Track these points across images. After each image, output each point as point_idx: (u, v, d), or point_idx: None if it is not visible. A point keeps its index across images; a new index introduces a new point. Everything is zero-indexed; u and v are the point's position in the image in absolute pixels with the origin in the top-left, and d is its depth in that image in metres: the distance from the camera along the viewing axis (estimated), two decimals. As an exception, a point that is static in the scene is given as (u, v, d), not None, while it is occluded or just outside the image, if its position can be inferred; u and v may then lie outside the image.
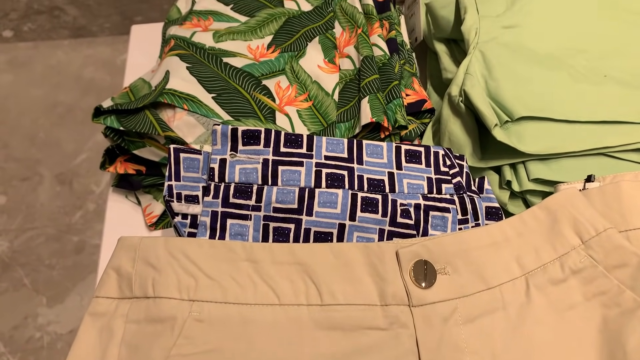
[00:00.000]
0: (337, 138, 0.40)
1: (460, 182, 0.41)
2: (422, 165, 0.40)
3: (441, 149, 0.42)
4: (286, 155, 0.38)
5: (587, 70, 0.53)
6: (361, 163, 0.39)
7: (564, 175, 0.48)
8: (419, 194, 0.39)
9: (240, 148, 0.38)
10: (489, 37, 0.54)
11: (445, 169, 0.41)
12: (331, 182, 0.37)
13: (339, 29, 0.59)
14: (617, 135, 0.50)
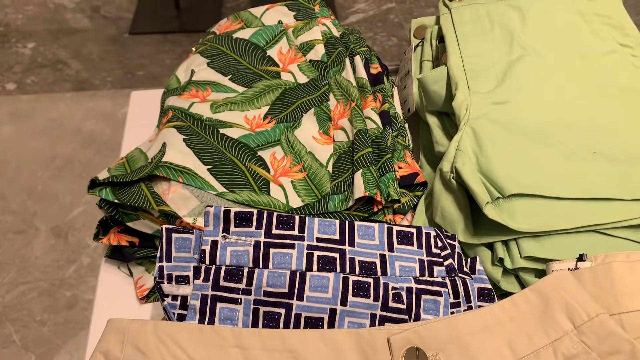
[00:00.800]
0: (329, 219, 0.40)
1: (451, 265, 0.41)
2: (413, 247, 0.40)
3: (433, 230, 0.42)
4: (278, 238, 0.38)
5: (576, 146, 0.54)
6: (353, 245, 0.39)
7: (556, 252, 0.48)
8: (411, 277, 0.39)
9: (233, 230, 0.38)
10: (480, 113, 0.55)
11: (437, 250, 0.41)
12: (322, 265, 0.38)
13: (334, 101, 0.61)
14: (607, 212, 0.50)
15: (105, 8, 2.23)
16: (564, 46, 0.62)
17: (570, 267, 0.46)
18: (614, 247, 0.50)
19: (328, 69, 0.63)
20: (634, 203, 0.51)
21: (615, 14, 0.65)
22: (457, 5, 0.66)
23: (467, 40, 0.62)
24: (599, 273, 0.44)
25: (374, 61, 0.67)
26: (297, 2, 0.71)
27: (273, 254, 0.37)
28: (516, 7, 0.64)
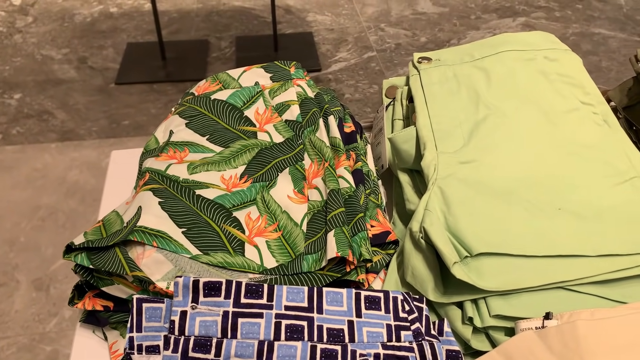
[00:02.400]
0: (297, 287, 0.41)
1: (419, 329, 0.41)
2: (381, 312, 0.41)
3: (400, 294, 0.43)
4: (246, 307, 0.39)
5: (542, 204, 0.56)
6: (321, 312, 0.40)
7: (523, 310, 0.49)
8: (379, 343, 0.39)
9: (202, 299, 0.39)
10: (447, 172, 0.57)
11: (404, 314, 0.42)
12: (291, 334, 0.38)
13: (308, 160, 0.62)
14: (573, 269, 0.51)
15: (92, 59, 2.27)
16: (528, 105, 0.64)
17: (537, 326, 0.47)
18: (580, 303, 0.51)
19: (303, 129, 0.65)
20: (599, 259, 0.52)
21: (576, 73, 0.68)
22: (426, 67, 0.69)
23: (435, 101, 0.64)
24: (565, 332, 0.45)
25: (348, 120, 0.69)
26: (273, 64, 0.73)
27: (241, 323, 0.38)
28: (482, 68, 0.67)
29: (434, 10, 2.60)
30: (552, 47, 0.70)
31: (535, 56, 0.68)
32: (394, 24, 2.50)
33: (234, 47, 2.32)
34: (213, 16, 2.56)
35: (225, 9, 2.61)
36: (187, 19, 2.53)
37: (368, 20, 2.53)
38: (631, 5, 2.64)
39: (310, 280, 0.52)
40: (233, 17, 2.55)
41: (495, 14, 2.57)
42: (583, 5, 2.64)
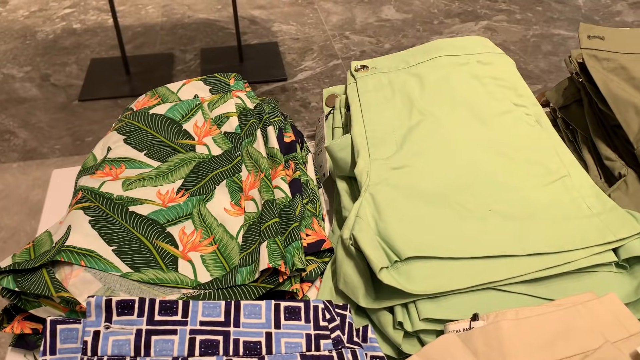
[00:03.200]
0: (214, 301, 0.41)
1: (339, 337, 0.42)
2: (301, 322, 0.41)
3: (321, 303, 0.43)
4: (160, 324, 0.38)
5: (473, 205, 0.57)
6: (238, 326, 0.40)
7: (453, 312, 0.50)
8: (297, 353, 0.39)
9: (115, 319, 0.38)
10: (379, 179, 0.57)
11: (325, 323, 0.42)
12: (205, 349, 0.38)
13: (245, 172, 0.62)
14: (502, 269, 0.52)
15: (55, 76, 2.24)
16: (461, 109, 0.65)
17: (465, 327, 0.48)
18: (510, 303, 0.51)
19: (241, 141, 0.65)
20: (528, 258, 0.53)
21: (509, 76, 0.69)
22: (362, 75, 0.69)
23: (370, 109, 0.65)
24: (489, 332, 0.46)
25: (288, 130, 0.69)
26: (213, 76, 0.73)
27: (155, 341, 0.38)
28: (416, 75, 0.68)
29: (398, 17, 2.63)
30: (486, 51, 0.71)
31: (469, 60, 0.69)
32: (358, 31, 2.52)
33: (199, 60, 2.32)
34: (178, 29, 2.55)
35: (190, 21, 2.61)
36: (151, 33, 2.52)
37: (333, 28, 2.55)
38: (589, 6, 2.71)
39: (244, 293, 0.52)
40: (198, 30, 2.55)
41: (458, 19, 2.60)
42: (543, 7, 2.69)
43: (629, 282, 0.54)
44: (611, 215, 0.56)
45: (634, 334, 0.46)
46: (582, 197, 0.58)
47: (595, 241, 0.54)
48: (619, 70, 0.68)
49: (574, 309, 0.48)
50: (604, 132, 0.68)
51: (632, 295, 0.53)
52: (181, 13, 2.68)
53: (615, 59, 0.69)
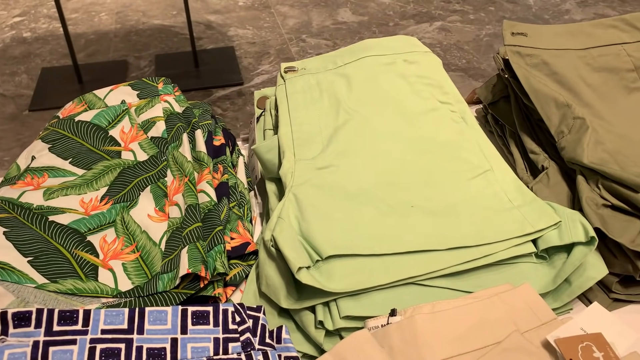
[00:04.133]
0: (117, 309, 0.40)
1: (248, 339, 0.41)
2: (209, 326, 0.41)
3: (231, 306, 0.43)
4: (59, 334, 0.37)
5: (396, 203, 0.57)
6: (142, 332, 0.39)
7: (374, 309, 0.50)
8: (204, 358, 0.39)
9: (11, 331, 0.37)
10: (304, 179, 0.57)
11: (234, 326, 0.42)
12: (106, 357, 0.37)
13: (170, 177, 0.62)
14: (422, 264, 0.52)
15: (4, 86, 2.18)
16: (388, 108, 0.66)
17: (383, 323, 0.48)
18: (432, 297, 0.52)
19: (167, 145, 0.65)
20: (449, 252, 0.54)
21: (434, 74, 0.70)
22: (291, 76, 0.69)
23: (298, 109, 0.65)
24: (404, 327, 0.46)
25: (218, 133, 0.69)
26: (141, 81, 0.72)
27: (52, 352, 0.37)
28: (343, 75, 0.69)
29: (354, 19, 2.64)
30: (412, 50, 0.72)
31: (395, 60, 0.70)
32: (315, 34, 2.53)
33: (154, 66, 2.29)
34: (132, 36, 2.52)
35: (144, 28, 2.58)
36: (104, 40, 2.48)
37: (289, 32, 2.55)
38: (539, 5, 2.78)
39: (165, 300, 0.51)
40: (152, 36, 2.51)
41: (413, 20, 2.64)
42: (495, 7, 2.75)
43: (548, 272, 0.55)
44: (531, 207, 0.57)
45: (546, 323, 0.47)
46: (503, 191, 0.60)
47: (515, 233, 0.55)
48: (541, 66, 0.70)
49: (489, 301, 0.48)
50: (529, 127, 0.70)
51: (550, 285, 0.54)
52: (135, 19, 2.64)
53: (538, 55, 0.70)
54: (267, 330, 0.44)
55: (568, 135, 0.63)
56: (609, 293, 0.56)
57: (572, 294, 0.54)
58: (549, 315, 0.48)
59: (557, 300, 0.54)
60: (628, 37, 0.72)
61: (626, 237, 0.53)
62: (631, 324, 0.54)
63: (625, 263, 0.55)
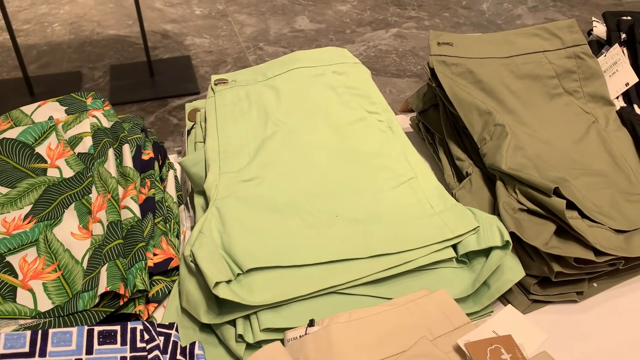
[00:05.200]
0: (19, 332, 0.39)
1: (157, 357, 0.41)
2: (116, 345, 0.41)
3: (140, 324, 0.43)
4: (-47, 361, 0.37)
5: (321, 213, 0.58)
6: (44, 355, 0.39)
7: (295, 320, 0.50)
8: (109, 377, 0.39)
9: None
10: (227, 192, 0.57)
11: (143, 344, 0.41)
12: (3, 383, 0.37)
13: (95, 193, 0.61)
14: (344, 273, 0.53)
15: (-50, 100, 2.12)
16: (316, 119, 0.67)
17: (302, 334, 0.48)
18: (353, 306, 0.53)
19: (93, 161, 0.64)
20: (370, 260, 0.55)
21: (362, 85, 0.71)
22: (221, 88, 0.70)
23: (226, 122, 0.65)
24: (320, 337, 0.46)
25: (148, 147, 0.68)
26: (69, 96, 0.71)
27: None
28: (273, 87, 0.69)
29: (311, 27, 2.66)
30: (342, 62, 0.73)
31: (325, 71, 0.71)
32: (272, 42, 2.54)
33: (108, 76, 2.25)
34: (86, 47, 2.48)
35: (99, 38, 2.54)
36: (58, 51, 2.43)
37: (247, 40, 2.55)
38: (492, 11, 2.85)
39: (85, 319, 0.50)
40: (107, 46, 2.48)
41: (370, 27, 2.67)
42: (450, 14, 2.81)
43: (468, 276, 0.57)
44: (451, 213, 0.59)
45: (459, 327, 0.49)
46: (426, 197, 0.61)
47: (435, 239, 0.57)
48: (466, 74, 0.72)
49: (405, 307, 0.49)
50: (455, 134, 0.72)
51: (470, 289, 0.55)
52: (90, 30, 2.60)
53: (463, 64, 0.72)
54: (179, 347, 0.44)
55: (489, 142, 0.65)
56: (528, 295, 0.58)
57: (491, 297, 0.55)
58: (463, 319, 0.49)
59: (477, 303, 0.56)
60: (549, 45, 0.75)
61: (540, 240, 0.55)
62: (549, 323, 0.56)
63: (542, 265, 0.56)
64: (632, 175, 0.67)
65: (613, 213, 0.62)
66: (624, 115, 0.73)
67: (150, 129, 0.73)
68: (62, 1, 2.82)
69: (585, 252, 0.55)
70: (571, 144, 0.70)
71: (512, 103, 0.72)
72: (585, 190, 0.64)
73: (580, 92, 0.74)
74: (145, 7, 2.79)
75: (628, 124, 0.72)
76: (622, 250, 0.57)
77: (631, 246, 0.58)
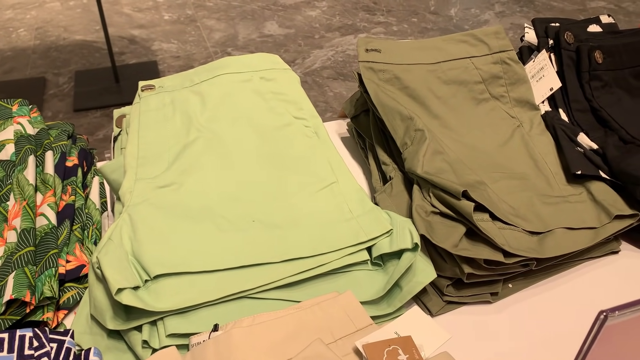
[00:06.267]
0: None
1: (45, 364, 0.41)
2: (3, 353, 0.41)
3: (30, 331, 0.43)
4: None
5: (237, 218, 0.58)
6: None
7: (202, 325, 0.50)
8: (-8, 385, 0.39)
9: None
10: (141, 199, 0.58)
11: (31, 351, 0.41)
12: None
13: (13, 201, 0.61)
14: (255, 277, 0.54)
15: None
16: (241, 124, 0.67)
17: (206, 339, 0.49)
18: (264, 310, 0.53)
19: (14, 168, 0.64)
20: (284, 264, 0.55)
21: (290, 91, 0.72)
22: (147, 94, 0.70)
23: (148, 128, 0.65)
24: (220, 342, 0.47)
25: (73, 154, 0.68)
26: (-5, 104, 0.71)
27: None
28: (198, 93, 0.70)
29: (280, 32, 2.67)
30: (271, 68, 0.74)
31: (252, 77, 0.72)
32: (240, 47, 2.54)
33: (73, 82, 2.24)
34: (51, 52, 2.45)
35: (65, 44, 2.52)
36: (22, 57, 2.41)
37: (215, 45, 2.55)
38: (460, 17, 2.88)
39: (-9, 327, 0.50)
40: (73, 52, 2.46)
41: (338, 32, 2.69)
42: (418, 19, 2.84)
43: (382, 278, 0.57)
44: (368, 217, 0.60)
45: (361, 329, 0.49)
46: (346, 202, 0.62)
47: (350, 242, 0.57)
48: (394, 80, 0.73)
49: (310, 310, 0.50)
50: (383, 139, 0.73)
51: (382, 291, 0.56)
52: (56, 35, 2.58)
53: (391, 70, 0.74)
54: (73, 354, 0.44)
55: (410, 146, 0.66)
56: (442, 296, 0.59)
57: (403, 299, 0.56)
58: (365, 321, 0.50)
59: (390, 305, 0.56)
60: (476, 51, 0.77)
61: (449, 242, 0.56)
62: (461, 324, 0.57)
63: (454, 267, 0.57)
64: (552, 178, 0.68)
65: (529, 215, 0.63)
66: (547, 119, 0.75)
67: (80, 135, 0.73)
68: (29, 6, 2.80)
69: (494, 254, 0.56)
70: (495, 147, 0.71)
71: (438, 108, 0.73)
72: (504, 193, 0.65)
73: (507, 97, 0.76)
74: (114, 13, 2.78)
75: (550, 128, 0.73)
76: (533, 252, 0.59)
77: (543, 247, 0.60)
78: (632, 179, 0.63)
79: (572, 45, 0.78)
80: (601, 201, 0.64)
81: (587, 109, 0.76)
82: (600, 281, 0.63)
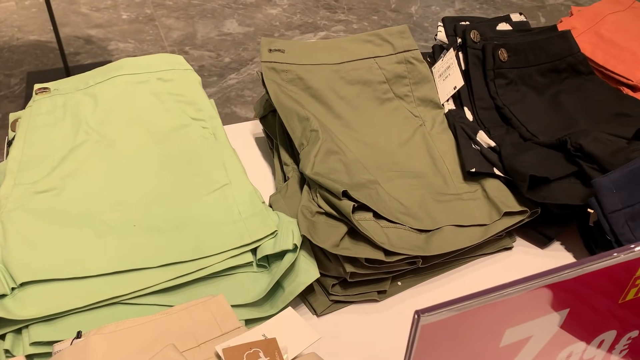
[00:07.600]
0: None
1: None
2: None
3: None
4: None
5: (117, 223, 0.58)
6: None
7: (68, 333, 0.50)
8: None
9: None
10: (17, 204, 0.57)
11: None
12: None
13: None
14: (129, 283, 0.53)
15: None
16: (134, 127, 0.67)
17: (68, 346, 0.48)
18: (137, 315, 0.52)
19: None
20: (162, 269, 0.55)
21: (189, 92, 0.72)
22: (41, 97, 0.69)
23: (36, 132, 0.64)
24: (77, 349, 0.46)
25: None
26: None
27: None
28: (92, 95, 0.69)
29: (240, 31, 2.66)
30: (170, 68, 0.73)
31: (149, 78, 0.71)
32: (198, 46, 2.52)
33: (25, 84, 2.20)
34: (4, 52, 2.41)
35: (18, 44, 2.47)
36: (-27, 58, 2.36)
37: (173, 44, 2.52)
38: (420, 14, 2.90)
39: None
40: (27, 52, 2.42)
41: (298, 30, 2.68)
42: (378, 17, 2.84)
43: (265, 280, 0.57)
44: (255, 219, 0.59)
45: (227, 333, 0.49)
46: (236, 204, 0.61)
47: (234, 244, 0.57)
48: (297, 81, 0.73)
49: (176, 315, 0.49)
50: (286, 140, 0.72)
51: (263, 292, 0.56)
52: (9, 35, 2.54)
53: (294, 70, 0.73)
54: None
55: (306, 147, 0.66)
56: (329, 295, 0.59)
57: (285, 300, 0.56)
58: (233, 324, 0.50)
59: (273, 306, 0.56)
60: (381, 50, 0.77)
61: (329, 242, 0.56)
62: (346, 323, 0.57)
63: (338, 266, 0.58)
64: (449, 176, 0.69)
65: (420, 213, 0.63)
66: (450, 118, 0.75)
67: None
68: (-18, 6, 2.74)
69: (375, 253, 0.57)
70: (396, 146, 0.71)
71: (340, 108, 0.73)
72: (397, 192, 0.65)
73: (411, 96, 0.76)
74: (70, 12, 2.74)
75: (452, 126, 0.74)
76: (418, 249, 0.59)
77: (430, 245, 0.60)
78: (519, 175, 0.64)
79: (478, 43, 0.79)
80: (493, 198, 0.65)
81: (492, 107, 0.77)
82: (492, 277, 0.63)
